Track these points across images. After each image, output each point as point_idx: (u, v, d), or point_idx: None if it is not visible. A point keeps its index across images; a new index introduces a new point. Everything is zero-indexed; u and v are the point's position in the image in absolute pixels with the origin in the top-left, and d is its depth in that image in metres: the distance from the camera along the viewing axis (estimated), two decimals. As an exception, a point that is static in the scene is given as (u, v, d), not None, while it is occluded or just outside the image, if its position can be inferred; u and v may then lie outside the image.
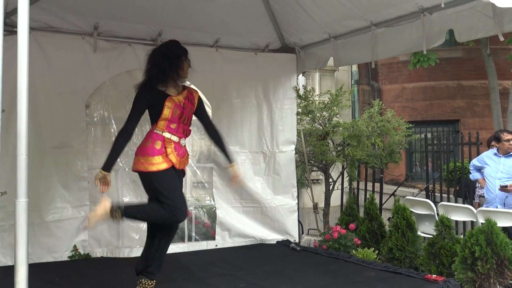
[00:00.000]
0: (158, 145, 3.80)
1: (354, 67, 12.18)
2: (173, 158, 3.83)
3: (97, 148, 5.49)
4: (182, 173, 4.03)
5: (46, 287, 4.25)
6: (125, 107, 5.66)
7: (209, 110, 6.04)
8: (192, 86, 5.14)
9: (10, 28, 4.16)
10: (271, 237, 6.14)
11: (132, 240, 5.51)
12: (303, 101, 6.66)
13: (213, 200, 5.98)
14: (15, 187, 2.75)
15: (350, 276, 4.59)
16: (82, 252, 5.28)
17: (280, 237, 6.16)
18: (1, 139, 2.73)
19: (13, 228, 2.82)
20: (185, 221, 5.79)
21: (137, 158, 3.85)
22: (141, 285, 3.89)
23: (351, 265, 4.98)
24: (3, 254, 4.84)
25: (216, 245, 5.90)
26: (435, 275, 4.45)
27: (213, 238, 5.93)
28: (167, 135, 3.86)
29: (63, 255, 5.18)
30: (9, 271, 2.80)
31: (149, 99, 3.86)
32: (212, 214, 5.97)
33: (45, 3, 4.72)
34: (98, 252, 5.39)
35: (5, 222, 4.79)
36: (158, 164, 3.77)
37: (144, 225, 5.52)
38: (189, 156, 4.14)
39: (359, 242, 5.70)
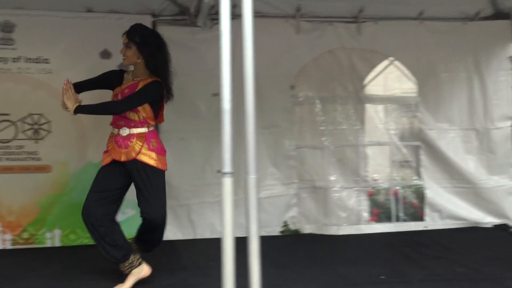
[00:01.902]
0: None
1: None
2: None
3: (304, 127, 5.62)
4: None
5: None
6: (327, 86, 5.73)
7: (414, 86, 5.83)
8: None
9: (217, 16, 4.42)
10: (487, 220, 5.70)
11: (339, 218, 5.56)
12: (520, 72, 6.03)
13: (422, 180, 5.75)
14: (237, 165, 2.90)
15: None
16: (292, 228, 5.49)
17: (497, 221, 5.69)
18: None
19: (241, 202, 3.00)
20: (393, 200, 5.72)
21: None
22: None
23: None
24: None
25: (426, 227, 5.66)
26: None
27: (421, 219, 5.70)
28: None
29: (275, 230, 5.43)
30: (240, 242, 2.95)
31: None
32: (420, 194, 5.73)
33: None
34: (306, 228, 5.54)
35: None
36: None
37: (351, 203, 5.58)
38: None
39: None
